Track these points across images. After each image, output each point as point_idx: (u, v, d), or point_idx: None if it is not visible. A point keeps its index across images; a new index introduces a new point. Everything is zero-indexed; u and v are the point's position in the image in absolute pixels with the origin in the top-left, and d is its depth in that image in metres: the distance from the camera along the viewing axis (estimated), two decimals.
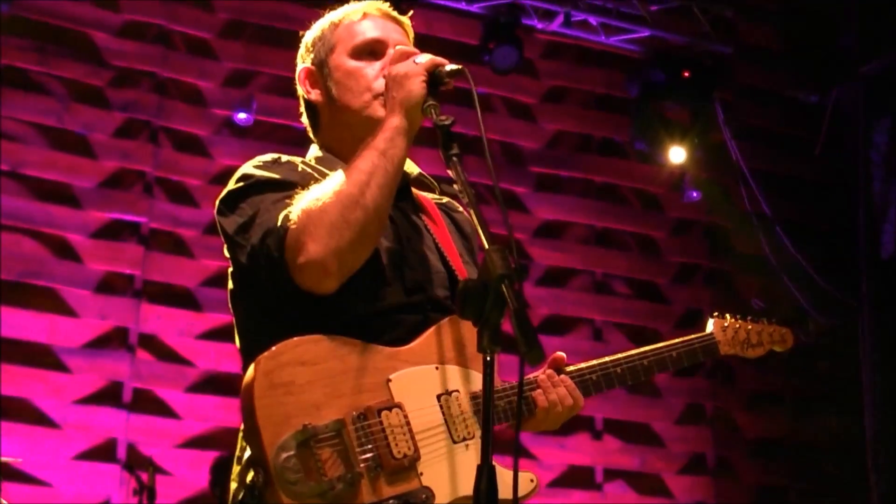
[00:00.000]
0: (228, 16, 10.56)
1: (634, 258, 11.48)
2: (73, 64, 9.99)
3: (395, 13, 3.77)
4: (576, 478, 10.73)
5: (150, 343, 9.70)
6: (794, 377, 11.24)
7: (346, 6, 3.76)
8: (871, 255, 11.31)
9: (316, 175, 3.44)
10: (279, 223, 3.20)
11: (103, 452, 9.36)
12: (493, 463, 2.91)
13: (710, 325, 4.16)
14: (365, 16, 3.70)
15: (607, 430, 10.91)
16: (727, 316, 4.21)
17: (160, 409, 9.58)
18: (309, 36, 3.79)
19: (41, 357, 9.38)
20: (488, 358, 2.83)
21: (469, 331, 3.18)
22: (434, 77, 3.39)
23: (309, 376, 3.13)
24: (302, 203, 3.21)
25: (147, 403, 9.57)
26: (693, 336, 4.05)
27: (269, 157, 3.53)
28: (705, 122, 11.17)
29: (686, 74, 10.84)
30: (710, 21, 11.12)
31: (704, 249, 11.67)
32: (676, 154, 11.02)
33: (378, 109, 3.52)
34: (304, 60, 3.77)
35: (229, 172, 3.59)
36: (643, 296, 11.32)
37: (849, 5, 11.51)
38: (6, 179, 9.61)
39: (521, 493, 3.02)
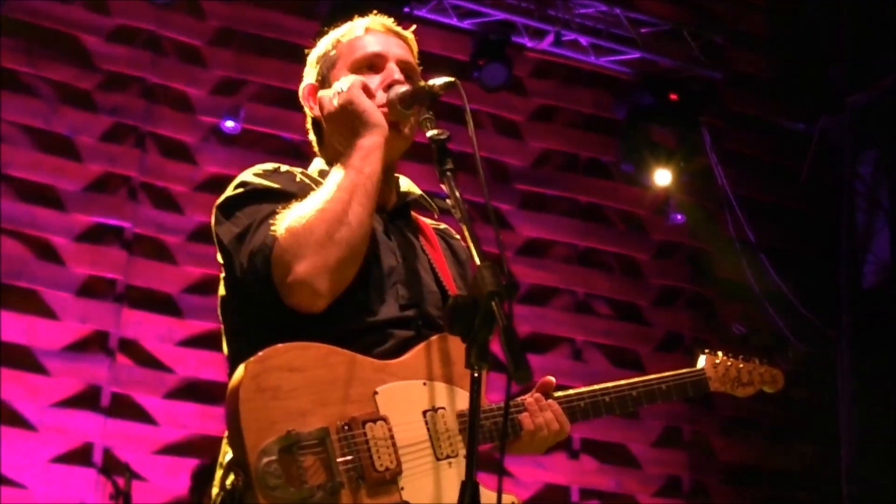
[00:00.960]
0: (219, 23, 10.55)
1: (617, 279, 11.49)
2: (61, 66, 9.97)
3: (398, 28, 3.80)
4: (551, 497, 10.71)
5: (130, 348, 9.67)
6: (771, 405, 11.21)
7: (349, 23, 3.78)
8: (853, 286, 11.35)
9: (314, 187, 3.44)
10: (267, 241, 3.21)
11: (80, 456, 9.31)
12: (480, 486, 2.94)
13: (702, 361, 4.14)
14: (367, 31, 3.72)
15: (584, 450, 10.91)
16: (719, 353, 4.19)
17: (138, 414, 9.54)
18: (314, 53, 3.81)
19: (20, 358, 9.33)
20: (475, 374, 2.83)
21: (458, 349, 3.17)
22: (428, 92, 3.41)
23: (296, 382, 3.13)
24: (287, 221, 3.22)
25: (125, 408, 9.54)
26: (684, 371, 4.04)
27: (269, 165, 3.55)
28: (692, 146, 11.20)
29: (674, 98, 10.87)
30: (700, 46, 11.16)
31: (687, 273, 11.68)
32: (662, 177, 11.04)
33: None
34: (309, 77, 3.78)
35: (215, 180, 3.61)
36: (624, 317, 11.33)
37: (838, 36, 11.56)
38: None
39: None
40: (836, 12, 11.51)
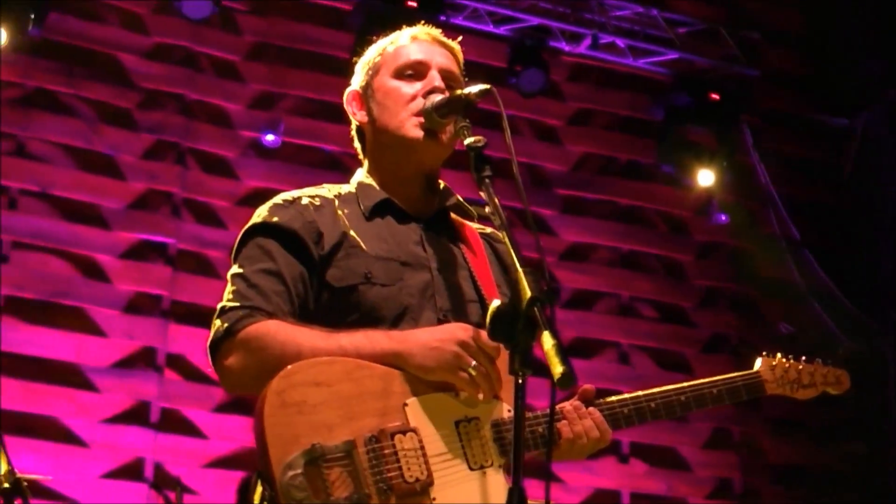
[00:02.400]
0: (254, 38, 10.60)
1: (660, 281, 11.45)
2: (101, 86, 10.04)
3: (444, 38, 3.81)
4: (602, 502, 10.69)
5: (178, 363, 9.72)
6: (821, 403, 11.14)
7: (397, 32, 3.80)
8: None
9: (326, 214, 3.53)
10: (236, 322, 3.33)
11: (130, 471, 9.37)
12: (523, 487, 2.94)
13: (758, 364, 4.00)
14: (413, 39, 3.75)
15: (634, 454, 10.87)
16: (777, 355, 4.04)
17: (187, 428, 9.59)
18: (361, 60, 3.83)
19: (69, 376, 9.41)
20: (519, 381, 2.81)
21: (499, 356, 3.24)
22: (464, 100, 3.43)
23: (322, 397, 3.15)
24: (264, 330, 3.31)
25: (174, 423, 9.59)
26: (737, 374, 3.92)
27: (288, 196, 3.61)
28: (732, 145, 11.16)
29: (713, 97, 10.83)
30: (737, 44, 11.12)
31: (730, 273, 11.61)
32: (705, 177, 11.00)
33: (411, 129, 3.58)
34: (353, 83, 3.81)
35: (256, 194, 3.66)
36: (669, 319, 11.28)
37: (875, 30, 11.47)
38: (35, 200, 9.68)
39: None
40: (871, 5, 11.42)
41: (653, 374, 10.56)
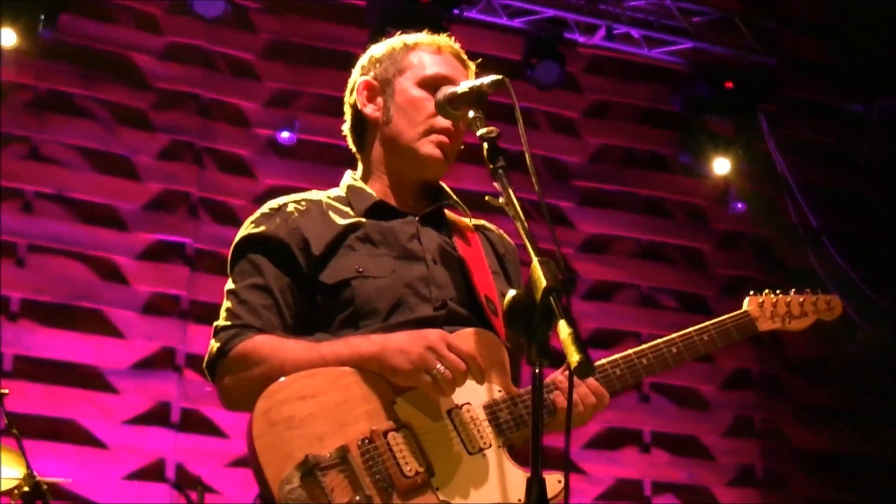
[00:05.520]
0: (270, 37, 10.60)
1: (681, 271, 11.43)
2: (116, 87, 10.06)
3: (464, 56, 3.79)
4: (624, 491, 10.68)
5: (198, 363, 9.62)
6: (845, 389, 11.14)
7: (419, 34, 3.78)
8: None
9: (312, 218, 3.55)
10: (227, 342, 3.37)
11: (152, 472, 9.38)
12: (520, 469, 3.05)
13: (746, 303, 3.96)
14: (439, 51, 3.73)
15: (655, 444, 10.86)
16: (765, 291, 3.99)
17: (208, 428, 9.60)
18: (377, 50, 3.80)
19: (90, 379, 9.43)
20: (536, 371, 2.79)
21: (481, 344, 3.29)
22: (476, 91, 3.41)
23: (309, 409, 3.16)
24: (251, 347, 3.34)
25: (195, 423, 9.60)
26: (726, 316, 3.88)
27: (274, 203, 3.64)
28: (750, 133, 11.13)
29: (729, 86, 10.80)
30: (753, 33, 11.09)
31: (751, 262, 11.59)
32: (721, 166, 10.98)
33: (425, 146, 3.60)
34: (365, 72, 3.78)
35: (274, 192, 3.66)
36: (690, 309, 11.24)
37: (893, 14, 11.41)
38: (52, 203, 9.69)
39: (550, 495, 2.96)
40: None
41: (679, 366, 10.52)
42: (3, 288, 9.35)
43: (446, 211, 3.76)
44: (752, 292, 3.98)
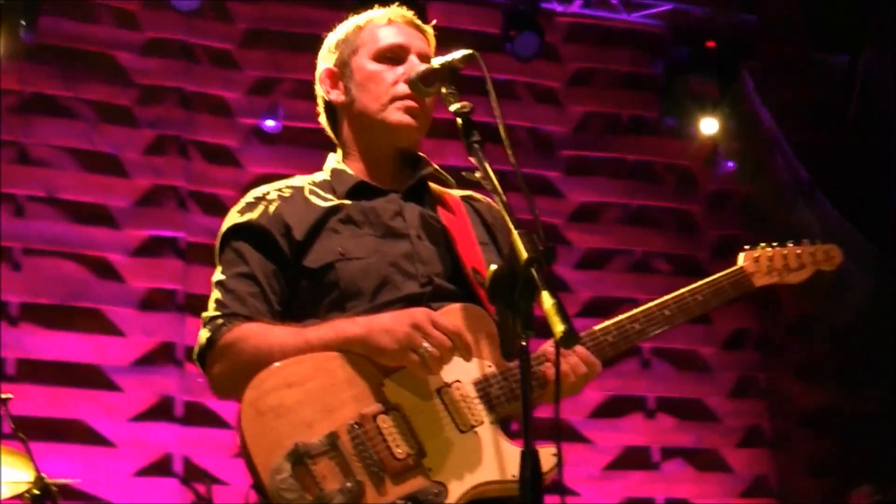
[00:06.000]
0: (248, 25, 10.60)
1: (672, 235, 11.42)
2: (98, 86, 10.06)
3: (418, 21, 3.80)
4: (632, 459, 10.69)
5: None
6: (842, 345, 11.13)
7: (370, 11, 3.80)
8: None
9: (296, 204, 3.57)
10: (215, 331, 3.40)
11: (160, 467, 9.41)
12: (514, 445, 3.05)
13: (741, 259, 3.92)
14: (390, 22, 3.74)
15: (660, 409, 10.87)
16: (760, 245, 3.93)
17: (213, 420, 9.61)
18: (332, 37, 3.83)
19: (91, 378, 9.45)
20: (523, 343, 2.80)
21: (469, 319, 3.28)
22: (448, 66, 3.42)
23: (297, 397, 3.16)
24: (240, 334, 3.36)
25: (199, 416, 9.62)
26: (720, 274, 3.85)
27: (258, 191, 3.65)
28: (734, 92, 11.12)
29: (711, 46, 10.79)
30: None
31: (743, 221, 11.57)
32: (708, 125, 10.97)
33: (392, 114, 3.60)
34: (326, 61, 3.81)
35: (261, 180, 3.70)
36: (684, 272, 11.20)
37: None
38: (43, 205, 9.70)
39: (544, 469, 2.97)
40: None
41: (673, 329, 10.52)
42: (1, 292, 9.37)
43: (431, 184, 3.76)
44: (746, 247, 3.94)
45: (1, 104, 9.71)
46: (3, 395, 6.69)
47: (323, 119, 3.85)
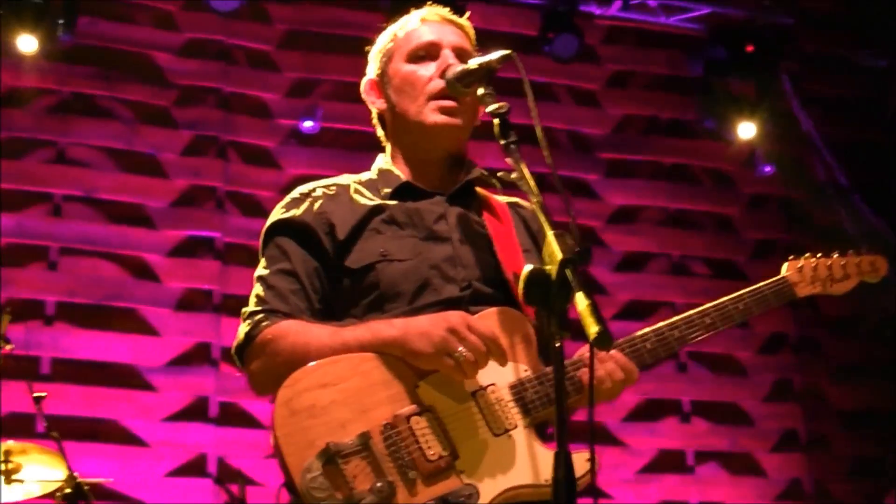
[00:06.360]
0: (286, 27, 10.61)
1: (711, 237, 11.38)
2: (137, 86, 10.08)
3: (453, 16, 3.82)
4: (667, 462, 10.65)
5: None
6: (881, 346, 11.07)
7: (406, 16, 3.83)
8: None
9: (342, 202, 3.59)
10: (254, 327, 3.42)
11: (194, 468, 9.42)
12: (548, 449, 3.05)
13: (784, 268, 3.93)
14: (423, 22, 3.78)
15: (695, 413, 10.83)
16: (805, 255, 3.94)
17: (247, 421, 9.62)
18: (374, 48, 3.87)
19: (127, 378, 9.47)
20: (557, 344, 2.78)
21: (505, 323, 3.29)
22: (485, 67, 3.42)
23: (331, 397, 3.17)
24: (278, 332, 3.37)
25: (234, 416, 9.62)
26: (763, 283, 3.86)
27: (304, 188, 3.69)
28: (773, 94, 11.06)
29: (749, 48, 10.74)
30: None
31: (781, 223, 11.52)
32: (746, 129, 10.92)
33: (430, 115, 3.62)
34: (369, 73, 3.86)
35: (299, 181, 3.72)
36: (722, 275, 11.19)
37: None
38: (81, 205, 9.73)
39: (578, 474, 2.96)
40: None
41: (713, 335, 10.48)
42: (38, 292, 9.43)
43: (478, 189, 3.77)
44: (791, 257, 3.93)
45: (40, 104, 9.77)
46: (37, 394, 6.73)
47: (379, 131, 3.88)
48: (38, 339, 9.28)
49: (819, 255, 3.95)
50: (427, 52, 3.68)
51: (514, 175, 3.19)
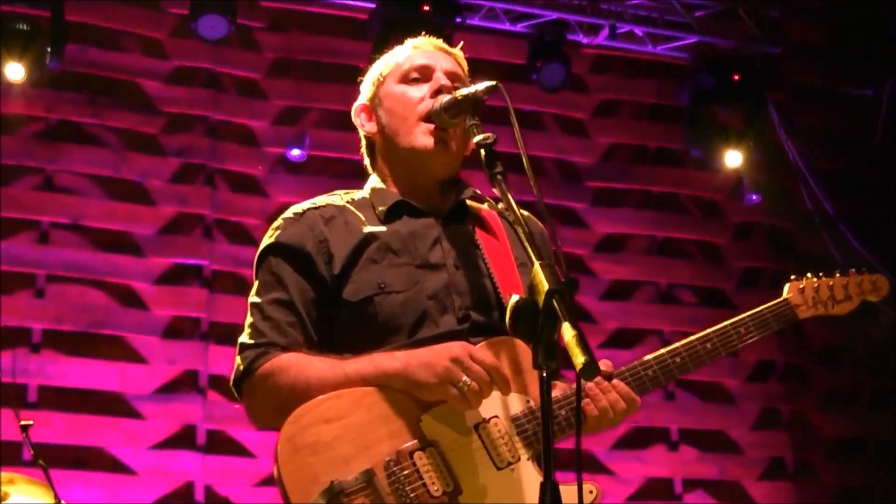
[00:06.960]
0: (275, 54, 10.62)
1: (698, 266, 11.39)
2: (125, 114, 10.07)
3: (445, 45, 3.84)
4: (655, 490, 10.64)
5: (221, 384, 9.70)
6: (869, 374, 11.08)
7: (398, 46, 3.86)
8: None
9: (339, 220, 3.57)
10: (252, 361, 3.40)
11: (182, 496, 9.38)
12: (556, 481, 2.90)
13: (786, 290, 3.89)
14: (415, 48, 3.79)
15: (683, 441, 10.82)
16: (807, 275, 3.90)
17: (235, 449, 9.59)
18: (367, 75, 3.88)
19: (114, 405, 9.43)
20: (544, 374, 2.77)
21: (508, 353, 3.27)
22: (472, 98, 3.42)
23: (334, 432, 3.16)
24: (277, 363, 3.36)
25: (222, 444, 9.59)
26: (764, 306, 3.83)
27: (298, 208, 3.67)
28: (759, 124, 11.08)
29: (736, 78, 10.77)
30: (756, 22, 11.04)
31: (768, 252, 11.54)
32: (733, 158, 10.93)
33: (419, 138, 3.61)
34: (360, 98, 3.85)
35: (287, 209, 3.69)
36: (710, 303, 11.20)
37: None
38: (68, 232, 9.71)
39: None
40: None
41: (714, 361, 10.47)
42: (25, 319, 9.40)
43: (470, 203, 3.76)
44: (793, 277, 3.90)
45: (27, 131, 9.76)
46: (24, 422, 6.69)
47: (366, 158, 3.88)
48: (24, 367, 9.24)
49: (821, 274, 3.93)
50: (420, 74, 3.69)
51: (500, 205, 3.20)
